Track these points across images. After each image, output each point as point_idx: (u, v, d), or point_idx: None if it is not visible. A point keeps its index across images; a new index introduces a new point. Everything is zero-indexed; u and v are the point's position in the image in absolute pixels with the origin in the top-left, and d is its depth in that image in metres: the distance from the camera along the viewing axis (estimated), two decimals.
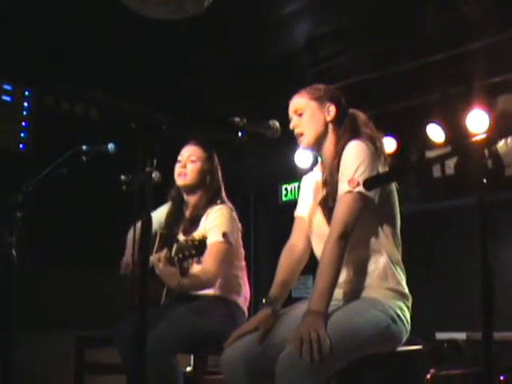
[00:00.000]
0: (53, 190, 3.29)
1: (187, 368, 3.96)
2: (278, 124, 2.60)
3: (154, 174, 2.27)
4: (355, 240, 2.48)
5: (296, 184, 6.77)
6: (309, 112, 2.71)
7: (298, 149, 6.24)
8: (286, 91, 2.89)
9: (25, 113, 4.97)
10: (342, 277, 2.51)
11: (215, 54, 5.13)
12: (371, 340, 2.37)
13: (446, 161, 5.46)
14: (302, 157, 6.28)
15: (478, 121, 5.16)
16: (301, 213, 2.86)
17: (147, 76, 5.28)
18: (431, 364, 4.23)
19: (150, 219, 2.21)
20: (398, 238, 2.63)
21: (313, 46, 5.23)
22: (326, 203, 2.60)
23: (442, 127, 5.53)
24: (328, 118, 2.70)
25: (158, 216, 3.57)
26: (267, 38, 4.96)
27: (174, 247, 2.95)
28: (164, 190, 3.66)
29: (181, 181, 3.56)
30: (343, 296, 2.54)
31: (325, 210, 2.60)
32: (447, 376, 4.24)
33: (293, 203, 2.95)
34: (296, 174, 6.16)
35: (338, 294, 2.51)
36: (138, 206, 2.25)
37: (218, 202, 3.52)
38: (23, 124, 4.96)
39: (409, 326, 2.54)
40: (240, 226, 3.60)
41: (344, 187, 2.47)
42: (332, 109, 2.71)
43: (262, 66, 5.38)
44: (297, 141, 2.76)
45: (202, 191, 3.57)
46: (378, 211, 2.54)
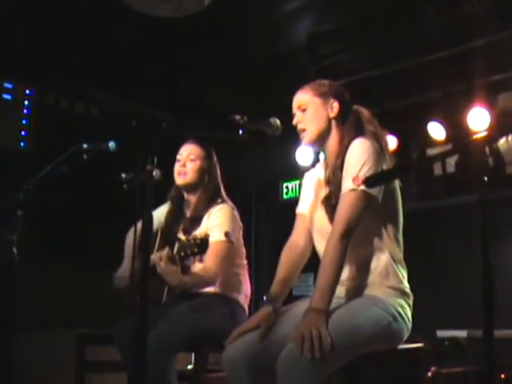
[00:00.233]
0: (53, 189, 3.28)
1: (188, 366, 3.97)
2: (278, 122, 2.59)
3: (154, 172, 2.27)
4: (358, 238, 2.48)
5: (297, 182, 6.77)
6: (312, 108, 2.70)
7: (299, 147, 6.25)
8: (286, 89, 2.89)
9: (25, 111, 4.97)
10: (344, 274, 2.50)
11: (216, 52, 5.12)
12: (372, 338, 2.37)
13: (446, 159, 5.45)
14: (303, 155, 6.28)
15: (478, 119, 5.16)
16: (302, 210, 2.85)
17: (147, 75, 5.27)
18: (432, 362, 4.23)
19: (150, 217, 2.21)
20: (400, 237, 2.62)
21: (314, 43, 5.22)
22: (328, 201, 2.59)
23: (443, 125, 5.53)
24: (331, 115, 2.69)
25: (158, 216, 3.57)
26: (268, 36, 4.96)
27: (176, 246, 2.95)
28: (165, 188, 3.66)
29: (181, 180, 3.55)
30: (345, 294, 2.54)
31: (327, 209, 2.59)
32: (448, 374, 4.24)
33: (294, 201, 2.95)
34: (297, 171, 6.16)
35: (340, 292, 2.51)
36: (139, 204, 2.25)
37: (219, 201, 3.52)
38: (24, 122, 4.96)
39: (410, 324, 2.54)
40: (241, 224, 3.59)
41: (348, 185, 2.47)
42: (335, 105, 2.69)
43: (262, 64, 5.37)
44: (298, 138, 2.76)
45: (202, 190, 3.56)
46: (381, 210, 2.53)
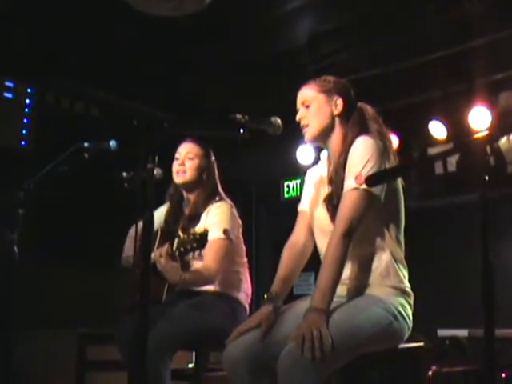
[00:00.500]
0: (54, 188, 3.29)
1: (189, 365, 3.97)
2: (279, 121, 2.58)
3: (155, 171, 2.27)
4: (359, 237, 2.47)
5: (298, 181, 6.77)
6: (316, 104, 2.68)
7: (300, 146, 6.25)
8: (287, 88, 2.89)
9: (26, 110, 4.97)
10: (346, 273, 2.50)
11: (216, 51, 5.12)
12: (373, 337, 2.37)
13: (447, 158, 5.46)
14: (304, 154, 6.28)
15: (479, 118, 5.16)
16: (304, 207, 2.85)
17: (148, 74, 5.27)
18: (433, 361, 4.23)
19: (151, 216, 2.21)
20: (401, 236, 2.62)
21: (314, 43, 5.22)
22: (330, 200, 2.57)
23: (444, 124, 5.53)
24: (335, 112, 2.67)
25: (158, 216, 3.56)
26: (268, 35, 4.96)
27: (175, 242, 2.95)
28: (166, 187, 3.66)
29: (180, 178, 3.55)
30: (346, 293, 2.54)
31: (329, 207, 2.58)
32: (449, 373, 4.24)
33: (295, 200, 2.94)
34: (298, 170, 6.16)
35: (341, 291, 2.50)
36: (140, 203, 2.25)
37: (217, 199, 3.52)
38: (25, 121, 4.96)
39: (410, 323, 2.53)
40: (240, 222, 3.59)
41: (350, 183, 2.46)
42: (339, 102, 2.68)
43: (263, 64, 5.37)
44: (299, 137, 2.75)
45: (201, 188, 3.56)
46: (383, 209, 2.52)
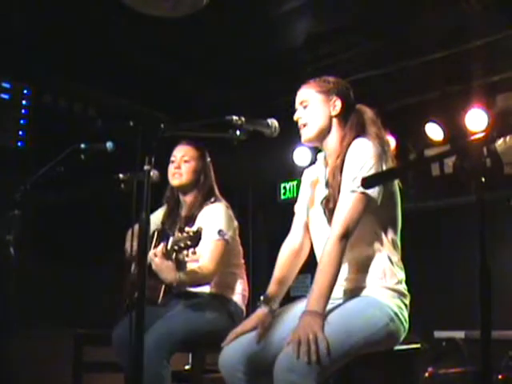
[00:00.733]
0: (51, 189, 3.28)
1: (185, 366, 3.96)
2: (276, 123, 2.57)
3: (152, 173, 2.27)
4: (356, 239, 2.47)
5: (294, 183, 6.77)
6: (314, 105, 2.67)
7: (297, 147, 6.25)
8: (284, 90, 2.89)
9: (23, 111, 4.96)
10: (342, 275, 2.50)
11: (213, 52, 5.12)
12: (369, 339, 2.36)
13: (444, 159, 5.46)
14: (301, 155, 6.28)
15: (476, 119, 5.17)
16: (301, 208, 2.84)
17: (145, 75, 5.27)
18: (429, 363, 4.24)
19: (148, 217, 2.21)
20: (398, 238, 2.61)
21: (312, 43, 5.22)
22: (327, 203, 2.57)
23: (441, 126, 5.53)
24: (333, 113, 2.66)
25: (155, 219, 3.55)
26: (266, 36, 4.95)
27: (170, 241, 2.94)
28: (163, 189, 3.66)
29: (176, 181, 3.55)
30: (342, 294, 2.53)
31: (326, 210, 2.57)
32: (445, 374, 4.25)
33: (291, 201, 2.94)
34: (295, 172, 6.16)
35: (338, 293, 2.50)
36: (137, 204, 2.25)
37: (213, 200, 3.53)
38: (21, 122, 4.95)
39: (407, 325, 2.53)
40: (236, 223, 3.59)
41: (348, 186, 2.45)
42: (338, 103, 2.67)
43: (260, 65, 5.37)
44: (296, 139, 2.75)
45: (197, 190, 3.57)
46: (379, 211, 2.52)
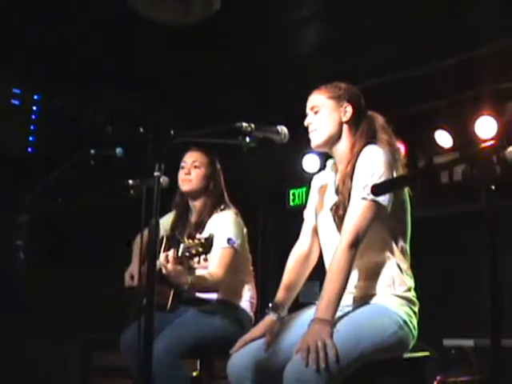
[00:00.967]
0: (60, 194, 3.29)
1: (193, 373, 3.96)
2: (286, 129, 2.57)
3: (161, 179, 2.27)
4: (365, 246, 2.46)
5: (304, 189, 6.76)
6: (324, 111, 2.67)
7: (306, 154, 6.25)
8: (294, 96, 2.88)
9: (33, 116, 4.99)
10: (352, 282, 2.49)
11: (223, 59, 5.13)
12: (378, 347, 2.36)
13: (454, 167, 5.44)
14: (310, 162, 6.27)
15: (486, 127, 5.15)
16: (310, 214, 2.84)
17: (154, 81, 5.28)
18: (438, 371, 4.22)
19: (157, 223, 2.21)
20: (407, 246, 2.61)
21: (323, 50, 5.22)
22: (337, 211, 2.56)
23: (450, 133, 5.52)
24: (344, 119, 2.66)
25: (163, 224, 3.56)
26: (277, 42, 4.95)
27: (181, 247, 2.94)
28: (171, 194, 3.66)
29: (186, 186, 3.56)
30: (352, 302, 2.53)
31: (336, 218, 2.57)
32: (454, 383, 4.23)
33: (301, 208, 2.94)
34: (304, 179, 6.15)
35: (348, 300, 2.50)
36: (146, 211, 2.26)
37: (223, 207, 3.53)
38: (32, 128, 4.97)
39: (416, 333, 2.52)
40: (245, 230, 3.59)
41: (358, 193, 2.44)
42: (349, 109, 2.67)
43: (269, 72, 5.37)
44: (304, 146, 2.74)
45: (206, 196, 3.58)
46: (390, 219, 2.51)
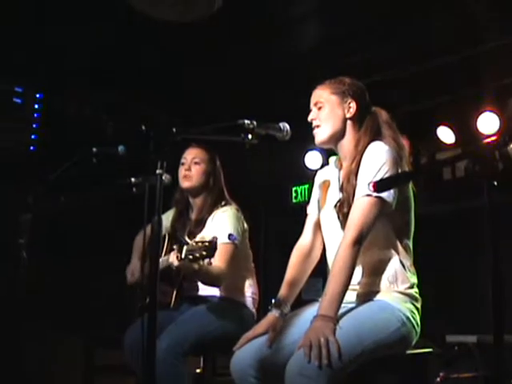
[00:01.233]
0: (63, 192, 3.30)
1: (197, 370, 3.96)
2: (288, 126, 2.56)
3: (164, 177, 2.27)
4: (369, 243, 2.46)
5: (306, 186, 6.77)
6: (328, 107, 2.66)
7: (309, 151, 6.25)
8: (296, 93, 2.88)
9: (35, 115, 4.99)
10: (355, 279, 2.48)
11: (225, 56, 5.13)
12: (381, 344, 2.35)
13: (456, 163, 5.44)
14: (313, 159, 6.28)
15: (488, 123, 5.15)
16: (313, 210, 2.83)
17: (157, 79, 5.28)
18: (441, 367, 4.22)
19: (160, 221, 2.21)
20: (410, 243, 2.60)
21: (325, 46, 5.21)
22: (341, 208, 2.55)
23: (453, 129, 5.52)
24: (347, 115, 2.64)
25: (165, 221, 3.55)
26: (276, 39, 4.95)
27: (184, 249, 2.93)
28: (172, 192, 3.66)
29: (187, 183, 3.57)
30: (355, 298, 2.52)
31: (339, 215, 2.56)
32: (457, 379, 4.23)
33: (303, 205, 2.94)
34: (306, 176, 6.15)
35: (351, 296, 2.50)
36: (148, 208, 2.26)
37: (223, 204, 3.54)
38: (34, 126, 4.97)
39: (419, 329, 2.52)
40: (247, 226, 3.59)
41: (363, 190, 2.44)
42: (353, 105, 2.65)
43: (271, 68, 5.37)
44: (307, 143, 2.74)
45: (207, 193, 3.58)
46: (394, 216, 2.51)
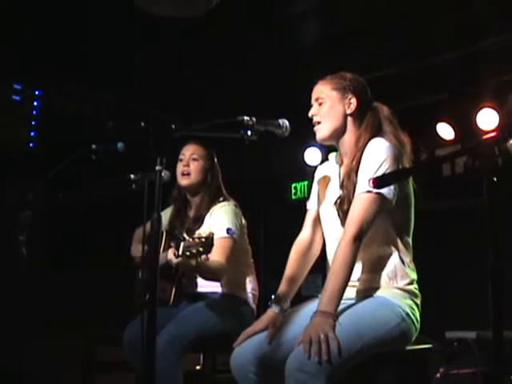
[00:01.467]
0: (62, 189, 3.30)
1: (197, 366, 3.96)
2: (287, 123, 2.56)
3: (163, 173, 2.27)
4: (369, 239, 2.46)
5: (305, 183, 6.76)
6: (329, 103, 2.65)
7: (308, 147, 6.25)
8: (296, 90, 2.88)
9: (34, 112, 4.98)
10: (355, 275, 2.49)
11: (224, 53, 5.12)
12: (380, 340, 2.36)
13: (455, 159, 5.44)
14: (312, 155, 6.27)
15: (488, 119, 5.15)
16: (313, 205, 2.83)
17: (155, 76, 5.27)
18: (441, 363, 4.23)
19: (159, 217, 2.21)
20: (410, 239, 2.60)
21: (324, 44, 5.21)
22: (341, 205, 2.55)
23: (452, 126, 5.51)
24: (348, 111, 2.63)
25: (163, 218, 3.54)
26: (279, 35, 4.95)
27: (181, 245, 2.94)
28: (171, 188, 3.66)
29: (185, 181, 3.56)
30: (355, 294, 2.53)
31: (339, 212, 2.56)
32: (457, 375, 4.23)
33: (303, 201, 2.94)
34: (306, 172, 6.15)
35: (351, 293, 2.50)
36: (147, 205, 2.26)
37: (221, 200, 3.54)
38: (33, 123, 4.97)
39: (418, 325, 2.53)
40: (245, 222, 3.59)
41: (364, 186, 2.43)
42: (353, 101, 2.64)
43: (272, 65, 5.37)
44: (307, 139, 2.74)
45: (204, 190, 3.58)
46: (394, 212, 2.51)
